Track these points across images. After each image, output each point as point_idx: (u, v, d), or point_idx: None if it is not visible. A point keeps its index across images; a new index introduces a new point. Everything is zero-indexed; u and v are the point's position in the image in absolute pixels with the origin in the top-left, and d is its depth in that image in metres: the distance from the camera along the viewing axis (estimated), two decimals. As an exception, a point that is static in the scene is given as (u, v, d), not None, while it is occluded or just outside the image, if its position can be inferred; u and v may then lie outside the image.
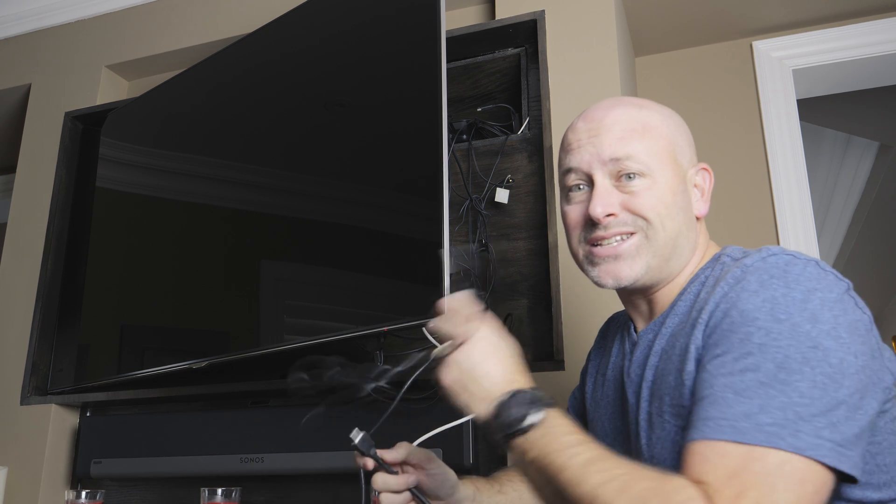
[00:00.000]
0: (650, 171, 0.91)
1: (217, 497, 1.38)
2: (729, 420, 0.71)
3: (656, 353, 0.90)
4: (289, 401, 1.79)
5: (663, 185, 0.91)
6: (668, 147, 0.93)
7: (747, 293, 0.78)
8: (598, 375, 1.06)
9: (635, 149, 0.91)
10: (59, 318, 2.12)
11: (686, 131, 0.98)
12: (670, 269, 0.93)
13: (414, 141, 1.44)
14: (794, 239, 1.93)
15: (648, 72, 2.21)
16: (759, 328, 0.75)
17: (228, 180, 1.81)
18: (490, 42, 1.79)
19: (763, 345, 0.74)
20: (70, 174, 2.22)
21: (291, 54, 1.76)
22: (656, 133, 0.93)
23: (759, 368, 0.72)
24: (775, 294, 0.76)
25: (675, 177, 0.92)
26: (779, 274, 0.78)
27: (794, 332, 0.74)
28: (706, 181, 0.97)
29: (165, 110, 2.03)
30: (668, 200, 0.91)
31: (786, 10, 2.02)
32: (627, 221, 0.91)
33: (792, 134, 2.02)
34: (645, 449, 0.88)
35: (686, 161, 0.95)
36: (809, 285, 0.77)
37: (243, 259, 1.71)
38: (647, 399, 0.89)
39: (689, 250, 0.93)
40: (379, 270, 1.47)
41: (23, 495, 1.92)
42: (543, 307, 1.61)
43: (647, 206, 0.90)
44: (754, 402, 0.71)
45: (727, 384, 0.73)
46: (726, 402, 0.72)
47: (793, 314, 0.75)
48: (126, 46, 2.30)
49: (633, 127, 0.92)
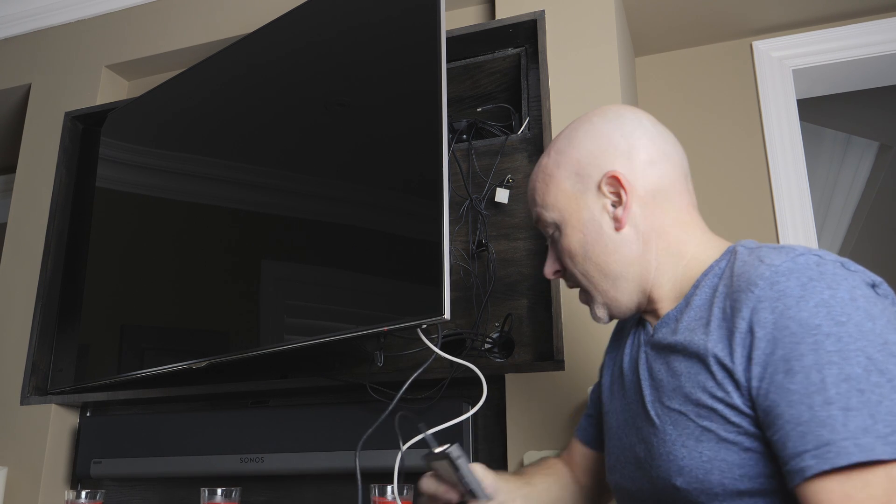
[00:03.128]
0: (557, 224, 0.96)
1: (217, 497, 1.38)
2: (850, 439, 0.67)
3: (672, 347, 0.88)
4: (289, 401, 1.79)
5: (571, 233, 0.94)
6: (563, 186, 0.95)
7: (793, 299, 0.75)
8: (614, 367, 1.05)
9: (537, 211, 0.99)
10: (59, 318, 2.12)
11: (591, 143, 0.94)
12: (634, 287, 0.93)
13: (414, 141, 1.44)
14: (794, 239, 1.93)
15: (648, 72, 2.21)
16: (827, 335, 0.72)
17: (228, 180, 1.81)
18: (490, 42, 1.79)
19: (840, 351, 0.71)
20: (70, 174, 2.22)
21: (291, 54, 1.76)
22: (552, 179, 0.96)
23: (849, 377, 0.69)
24: (823, 296, 0.74)
25: (579, 210, 0.94)
26: (816, 276, 0.76)
27: (861, 331, 0.71)
28: (619, 185, 0.91)
29: (165, 110, 2.03)
30: (575, 247, 0.94)
31: (786, 10, 2.02)
32: (569, 277, 0.98)
33: (792, 134, 2.02)
34: (661, 444, 0.86)
35: (587, 183, 0.93)
36: (847, 284, 0.75)
37: (243, 259, 1.71)
38: (668, 393, 0.87)
39: (635, 265, 0.92)
40: (379, 270, 1.47)
41: (23, 495, 1.92)
42: (543, 307, 1.61)
43: (569, 262, 0.96)
44: (864, 414, 0.67)
45: (826, 401, 0.69)
46: (835, 419, 0.68)
47: (851, 314, 0.72)
48: (126, 46, 2.30)
49: (535, 186, 0.99)
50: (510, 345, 1.61)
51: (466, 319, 1.65)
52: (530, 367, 1.53)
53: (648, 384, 0.91)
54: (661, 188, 0.92)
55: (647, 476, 0.90)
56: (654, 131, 0.95)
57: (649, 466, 0.89)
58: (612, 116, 0.95)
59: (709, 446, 0.80)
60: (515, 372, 1.54)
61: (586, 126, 0.96)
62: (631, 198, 0.91)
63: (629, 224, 0.91)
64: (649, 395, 0.90)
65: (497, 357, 1.60)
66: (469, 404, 1.54)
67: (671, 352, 0.88)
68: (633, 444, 0.93)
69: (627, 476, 0.95)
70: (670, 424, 0.85)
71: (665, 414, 0.86)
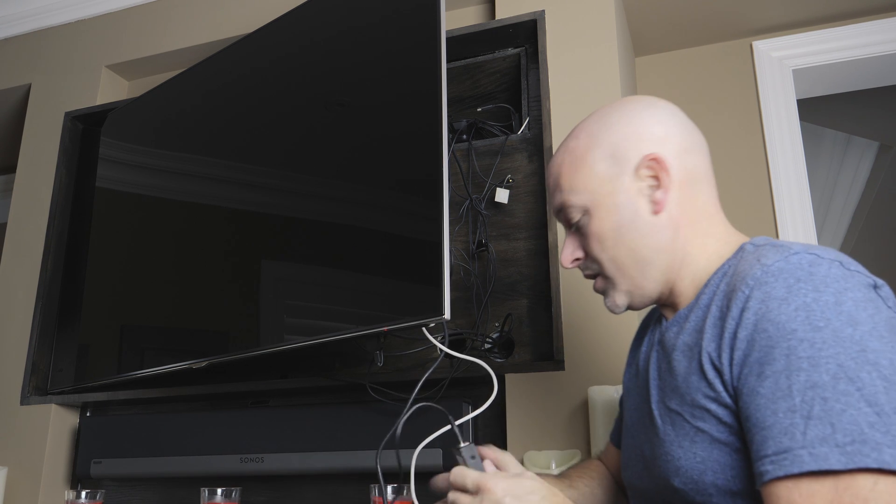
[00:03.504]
0: (585, 209, 0.93)
1: (217, 497, 1.38)
2: (806, 448, 0.68)
3: (679, 348, 0.88)
4: (289, 401, 1.79)
5: (601, 217, 0.92)
6: (596, 168, 0.92)
7: (776, 301, 0.74)
8: (633, 364, 1.05)
9: (566, 197, 0.94)
10: (59, 318, 2.12)
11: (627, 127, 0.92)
12: (660, 275, 0.91)
13: (414, 141, 1.44)
14: (793, 239, 1.93)
15: (648, 72, 2.21)
16: (801, 340, 0.71)
17: (228, 180, 1.81)
18: (490, 42, 1.79)
19: (811, 357, 0.70)
20: (70, 174, 2.22)
21: (291, 54, 1.76)
22: (583, 161, 0.93)
23: (816, 384, 0.69)
24: (806, 300, 0.73)
25: (614, 193, 0.91)
26: (804, 276, 0.75)
27: (838, 337, 0.70)
28: (660, 168, 0.90)
29: (165, 110, 2.03)
30: (608, 230, 0.92)
31: (786, 10, 2.02)
32: (589, 266, 0.96)
33: (792, 134, 2.02)
34: (661, 444, 0.87)
35: (624, 166, 0.91)
36: (838, 286, 0.73)
37: (243, 259, 1.71)
38: (668, 393, 0.88)
39: (665, 252, 0.90)
40: (379, 270, 1.47)
41: (23, 495, 1.92)
42: (543, 307, 1.61)
43: (595, 247, 0.93)
44: (825, 422, 0.67)
45: (790, 408, 0.70)
46: (795, 427, 0.69)
47: (830, 319, 0.71)
48: (126, 46, 2.30)
49: (561, 170, 0.96)
50: (510, 345, 1.61)
51: (466, 319, 1.65)
52: (530, 367, 1.53)
53: (655, 384, 0.92)
54: (694, 177, 0.92)
55: (651, 475, 0.91)
56: (687, 121, 0.95)
57: (652, 466, 0.90)
58: (647, 104, 0.95)
59: (702, 447, 0.81)
60: (515, 372, 1.54)
61: (620, 111, 0.94)
62: (671, 181, 0.90)
63: (666, 209, 0.90)
64: (655, 395, 0.91)
65: (497, 357, 1.60)
66: (469, 404, 1.54)
67: (674, 351, 0.88)
68: (642, 442, 0.94)
69: (637, 474, 0.96)
70: (669, 425, 0.86)
71: (666, 414, 0.87)
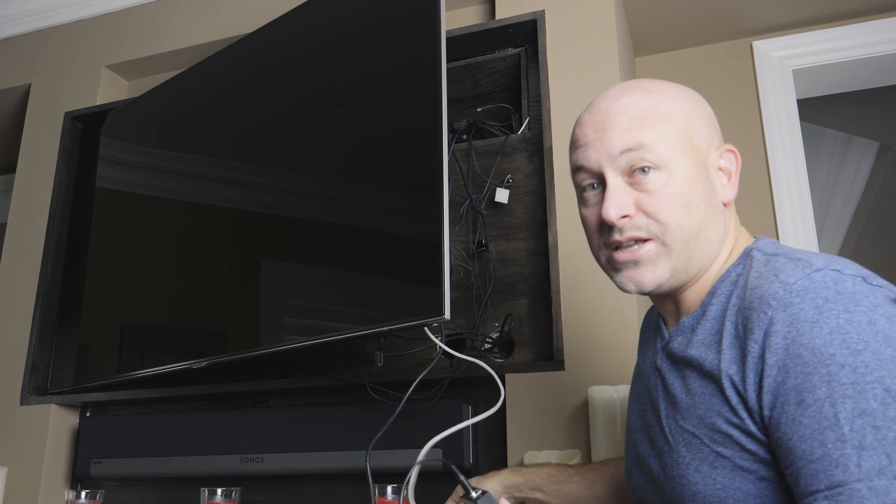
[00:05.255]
0: (665, 163, 0.84)
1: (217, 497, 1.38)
2: (863, 481, 0.65)
3: (687, 362, 0.85)
4: (289, 401, 1.79)
5: (680, 178, 0.85)
6: (683, 133, 0.86)
7: (807, 324, 0.71)
8: (638, 368, 1.03)
9: (646, 139, 0.85)
10: (59, 318, 2.12)
11: (705, 112, 0.91)
12: (698, 266, 0.87)
13: (414, 141, 1.44)
14: (794, 239, 1.93)
15: (648, 72, 2.21)
16: (842, 365, 0.68)
17: (228, 180, 1.81)
18: (490, 42, 1.79)
19: (855, 383, 0.67)
20: (70, 174, 2.22)
21: (291, 54, 1.76)
22: (669, 119, 0.86)
23: (865, 412, 0.66)
24: (839, 321, 0.70)
25: (694, 165, 0.86)
26: (832, 297, 0.72)
27: (879, 360, 0.68)
28: (732, 163, 0.90)
29: (165, 110, 2.03)
30: (685, 196, 0.84)
31: (786, 10, 2.02)
32: (642, 225, 0.85)
33: (792, 134, 2.02)
34: (675, 465, 0.84)
35: (705, 144, 0.88)
36: (867, 304, 0.71)
37: (243, 259, 1.71)
38: (682, 412, 0.84)
39: (716, 242, 0.87)
40: (379, 270, 1.47)
41: (23, 495, 1.92)
42: (543, 307, 1.61)
43: (663, 208, 0.84)
44: (879, 453, 0.65)
45: (839, 438, 0.67)
46: (848, 459, 0.66)
47: (868, 342, 0.69)
48: (126, 46, 2.30)
49: (643, 115, 0.86)
50: (510, 345, 1.61)
51: (466, 319, 1.65)
52: (530, 367, 1.53)
53: (664, 398, 0.89)
54: None
55: (659, 492, 0.88)
56: None
57: (662, 486, 0.87)
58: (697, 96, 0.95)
59: (723, 473, 0.78)
60: (515, 372, 1.54)
61: (682, 92, 0.92)
62: (737, 180, 0.90)
63: (731, 203, 0.90)
64: (664, 410, 0.88)
65: (497, 357, 1.60)
66: (469, 404, 1.54)
67: (686, 366, 0.85)
68: (648, 454, 0.91)
69: (641, 486, 0.94)
70: (683, 446, 0.83)
71: (679, 434, 0.84)
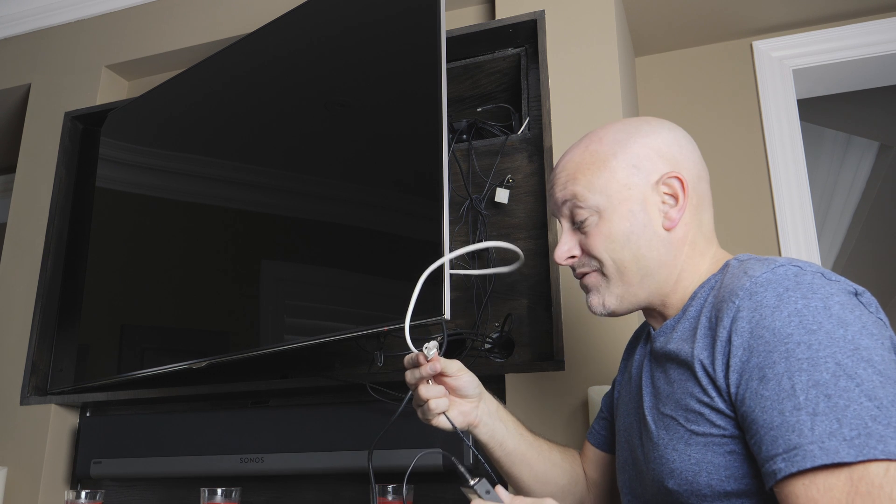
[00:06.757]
0: (595, 208, 0.95)
1: (217, 497, 1.38)
2: (815, 443, 0.71)
3: (667, 356, 0.92)
4: (289, 401, 1.79)
5: (609, 219, 0.94)
6: (612, 176, 0.95)
7: (769, 309, 0.79)
8: (626, 373, 1.10)
9: (577, 190, 0.96)
10: (59, 318, 2.12)
11: (650, 141, 0.97)
12: (655, 287, 0.95)
13: (414, 141, 1.44)
14: (794, 239, 1.93)
15: (648, 72, 2.21)
16: (798, 343, 0.76)
17: (228, 180, 1.81)
18: (490, 42, 1.79)
19: (810, 358, 0.74)
20: (70, 174, 2.22)
21: (292, 54, 1.76)
22: (600, 167, 0.96)
23: (818, 383, 0.73)
24: (797, 306, 0.78)
25: (625, 202, 0.94)
26: (792, 286, 0.80)
27: (832, 338, 0.75)
28: (678, 188, 0.95)
29: (165, 110, 2.03)
30: (616, 233, 0.94)
31: (786, 10, 2.02)
32: (585, 263, 0.98)
33: (792, 134, 2.02)
34: (655, 448, 0.91)
35: (643, 178, 0.95)
36: (824, 292, 0.79)
37: (243, 259, 1.71)
38: (663, 399, 0.92)
39: (664, 265, 0.94)
40: (379, 270, 1.47)
41: (23, 495, 1.92)
42: (543, 307, 1.61)
43: (597, 247, 0.95)
44: (830, 418, 0.71)
45: (795, 406, 0.73)
46: (803, 424, 0.72)
47: (822, 322, 0.76)
48: (126, 46, 2.30)
49: (576, 168, 0.97)
50: (510, 345, 1.61)
51: (466, 319, 1.65)
52: (530, 367, 1.53)
53: (649, 391, 0.96)
54: (702, 202, 0.98)
55: (644, 479, 0.95)
56: (697, 150, 1.01)
57: (646, 469, 0.94)
58: (670, 127, 0.99)
59: (696, 449, 0.85)
60: (515, 372, 1.54)
61: (647, 127, 0.98)
62: (686, 203, 0.95)
63: (677, 227, 0.95)
64: (648, 402, 0.95)
65: (497, 357, 1.60)
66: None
67: (667, 360, 0.93)
68: (635, 447, 0.98)
69: (631, 478, 1.01)
70: (663, 429, 0.90)
71: (660, 419, 0.91)
